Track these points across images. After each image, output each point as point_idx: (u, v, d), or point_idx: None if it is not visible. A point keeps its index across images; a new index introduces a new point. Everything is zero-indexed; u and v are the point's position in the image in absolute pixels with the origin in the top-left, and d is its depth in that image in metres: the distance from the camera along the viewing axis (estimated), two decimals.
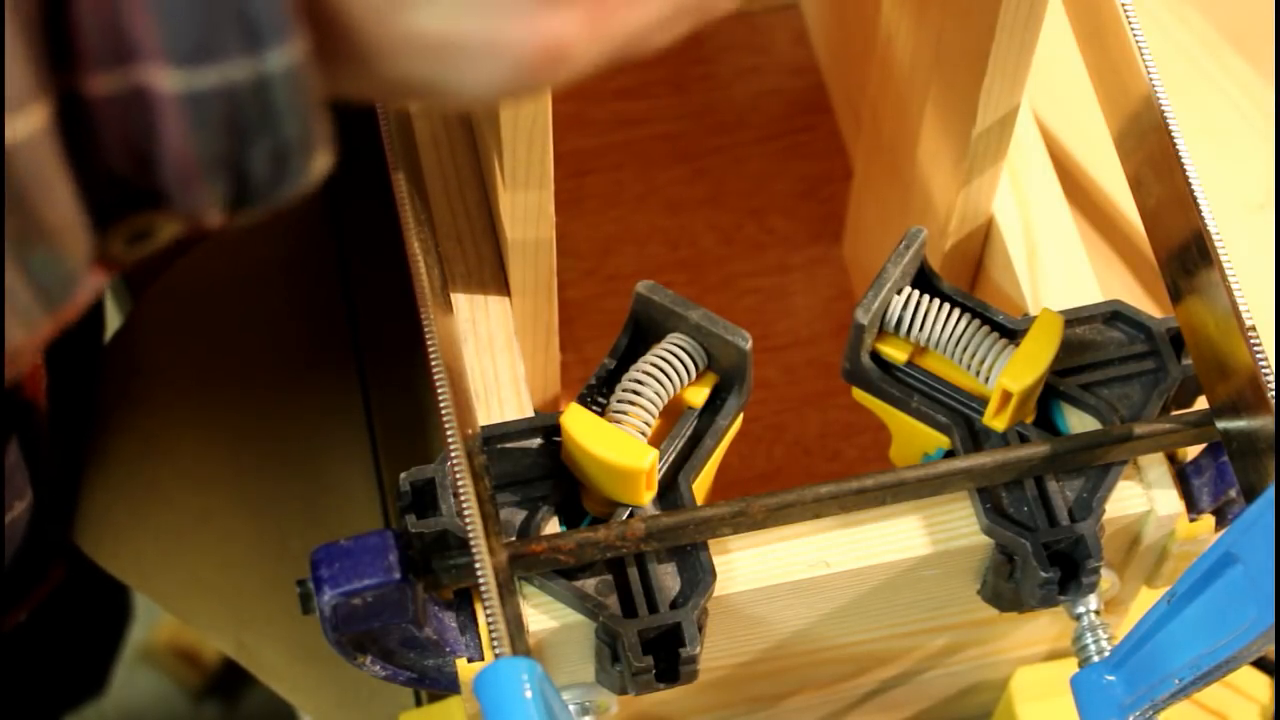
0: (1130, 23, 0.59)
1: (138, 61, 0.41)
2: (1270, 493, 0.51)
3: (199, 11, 0.40)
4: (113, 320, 1.00)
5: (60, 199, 0.42)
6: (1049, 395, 0.63)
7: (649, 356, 0.61)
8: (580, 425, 0.59)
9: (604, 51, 0.45)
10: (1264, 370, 0.56)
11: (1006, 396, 0.61)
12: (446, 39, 0.43)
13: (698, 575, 0.60)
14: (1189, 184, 0.57)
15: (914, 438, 0.65)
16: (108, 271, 0.45)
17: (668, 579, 0.60)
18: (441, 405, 0.57)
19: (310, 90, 0.42)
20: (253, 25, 0.41)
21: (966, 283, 0.76)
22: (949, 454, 0.63)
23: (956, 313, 0.63)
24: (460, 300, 0.67)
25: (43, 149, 0.41)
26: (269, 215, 0.45)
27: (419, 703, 0.80)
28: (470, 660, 0.60)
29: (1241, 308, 0.56)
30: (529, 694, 0.49)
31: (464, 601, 0.61)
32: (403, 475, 0.60)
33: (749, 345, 0.60)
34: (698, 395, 0.62)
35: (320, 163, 0.44)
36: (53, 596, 0.88)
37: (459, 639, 0.60)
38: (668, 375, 0.61)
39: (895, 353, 0.63)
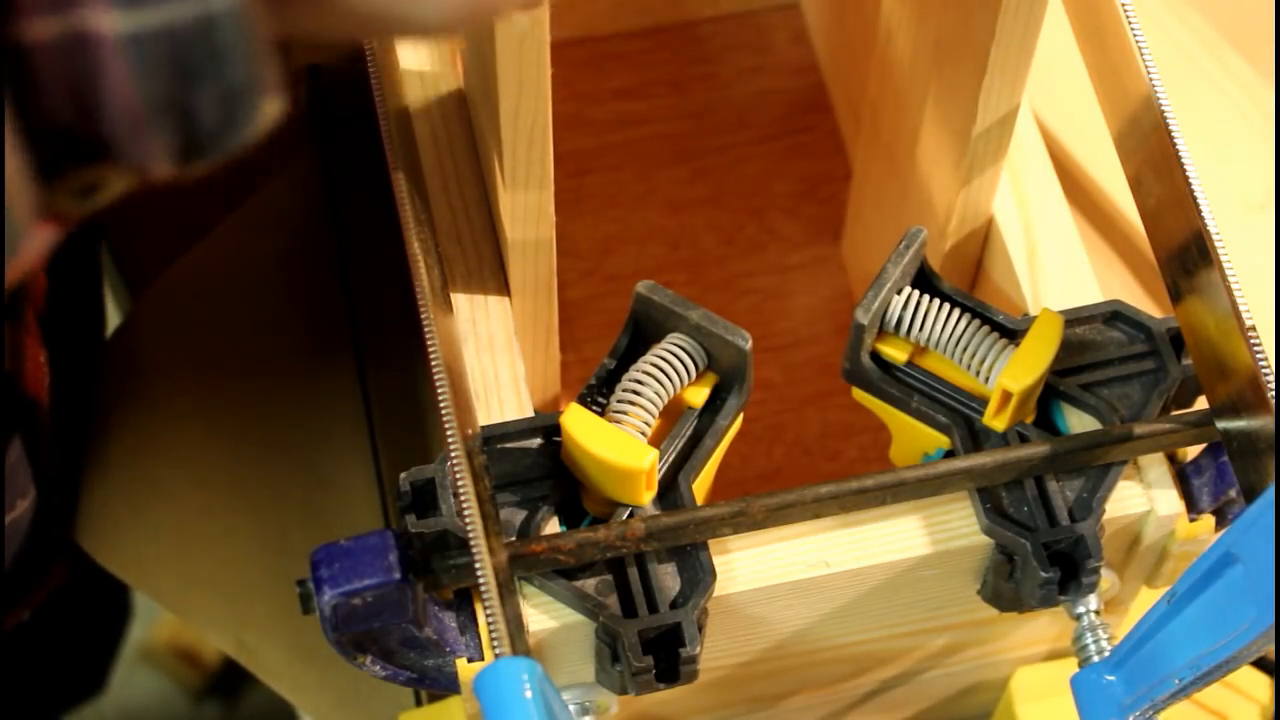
0: (1130, 23, 0.59)
1: (78, 4, 0.40)
2: (1270, 493, 0.51)
3: None
4: (113, 320, 1.00)
5: (2, 151, 0.41)
6: (1049, 395, 0.63)
7: (649, 356, 0.61)
8: (580, 425, 0.59)
9: None
10: (1264, 370, 0.56)
11: (1006, 396, 0.61)
12: None
13: (698, 575, 0.60)
14: (1189, 184, 0.57)
15: (914, 438, 0.65)
16: (57, 226, 0.44)
17: (668, 579, 0.60)
18: (441, 405, 0.57)
19: (258, 31, 0.41)
20: None
21: (966, 283, 0.76)
22: (949, 454, 0.63)
23: (956, 313, 0.63)
24: (460, 300, 0.67)
25: None
26: (218, 167, 0.44)
27: (419, 703, 0.80)
28: (470, 660, 0.60)
29: (1241, 308, 0.56)
30: (529, 694, 0.49)
31: (464, 601, 0.61)
32: (403, 475, 0.60)
33: (749, 345, 0.60)
34: (698, 395, 0.62)
35: (270, 108, 0.43)
36: (54, 595, 0.89)
37: (459, 639, 0.60)
38: (668, 375, 0.61)
39: (895, 353, 0.63)
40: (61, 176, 0.43)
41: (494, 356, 0.66)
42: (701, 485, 0.62)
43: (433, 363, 0.58)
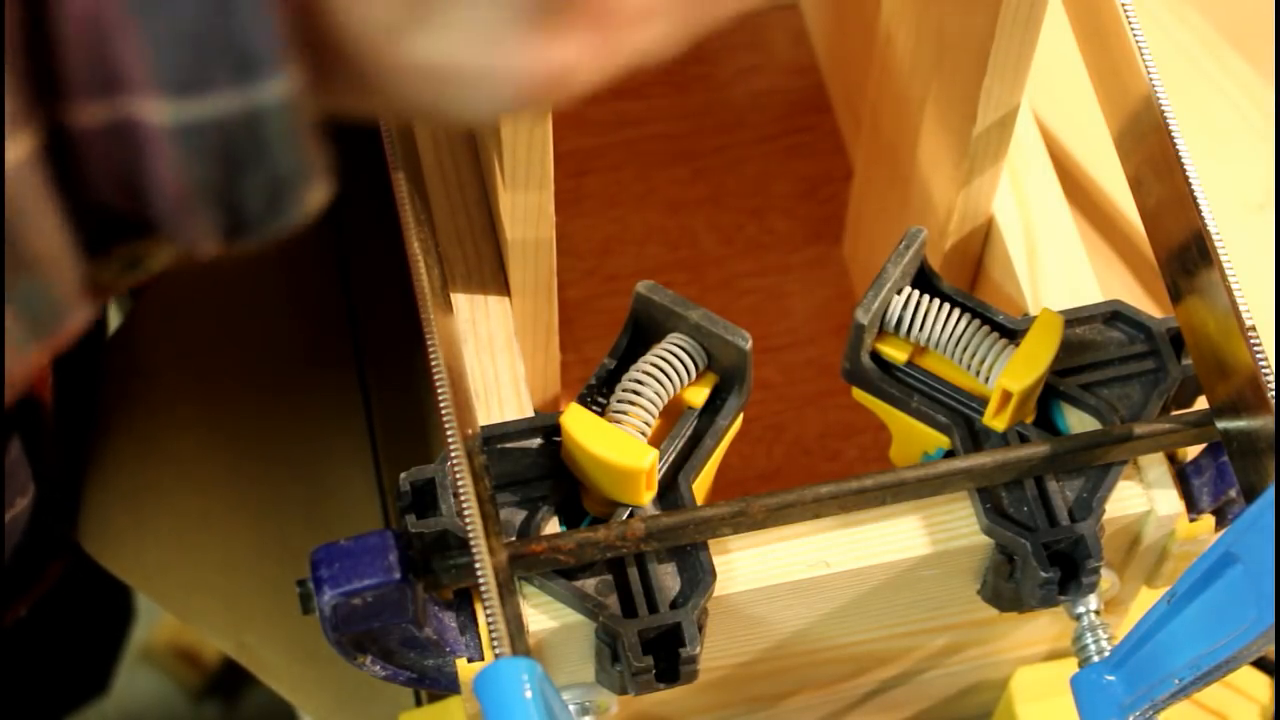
0: (1130, 23, 0.59)
1: (126, 92, 0.40)
2: (1270, 493, 0.51)
3: (189, 41, 0.39)
4: (113, 320, 1.00)
5: (47, 230, 0.41)
6: (1049, 395, 0.63)
7: (649, 356, 0.61)
8: (580, 425, 0.59)
9: (607, 72, 0.44)
10: (1264, 370, 0.56)
11: (1006, 396, 0.61)
12: (448, 68, 0.42)
13: (698, 575, 0.60)
14: (1189, 184, 0.57)
15: (914, 438, 0.64)
16: (101, 298, 0.44)
17: (668, 579, 0.60)
18: (441, 405, 0.57)
19: (305, 122, 0.41)
20: (244, 56, 0.40)
21: (966, 283, 0.76)
22: (949, 454, 0.63)
23: (956, 313, 0.63)
24: (460, 300, 0.67)
25: (28, 180, 0.40)
26: (267, 245, 0.44)
27: (419, 703, 0.80)
28: (470, 660, 0.60)
29: (1241, 308, 0.56)
30: (529, 694, 0.49)
31: (464, 601, 0.61)
32: (403, 475, 0.60)
33: (749, 345, 0.60)
34: (698, 395, 0.62)
35: (317, 194, 0.43)
36: (56, 596, 0.89)
37: (459, 639, 0.60)
38: (668, 375, 0.61)
39: (895, 353, 0.63)
40: (107, 252, 0.43)
41: (494, 356, 0.66)
42: (701, 485, 0.62)
43: (433, 363, 0.58)
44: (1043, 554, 0.60)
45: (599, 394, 0.61)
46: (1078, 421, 0.63)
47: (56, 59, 0.40)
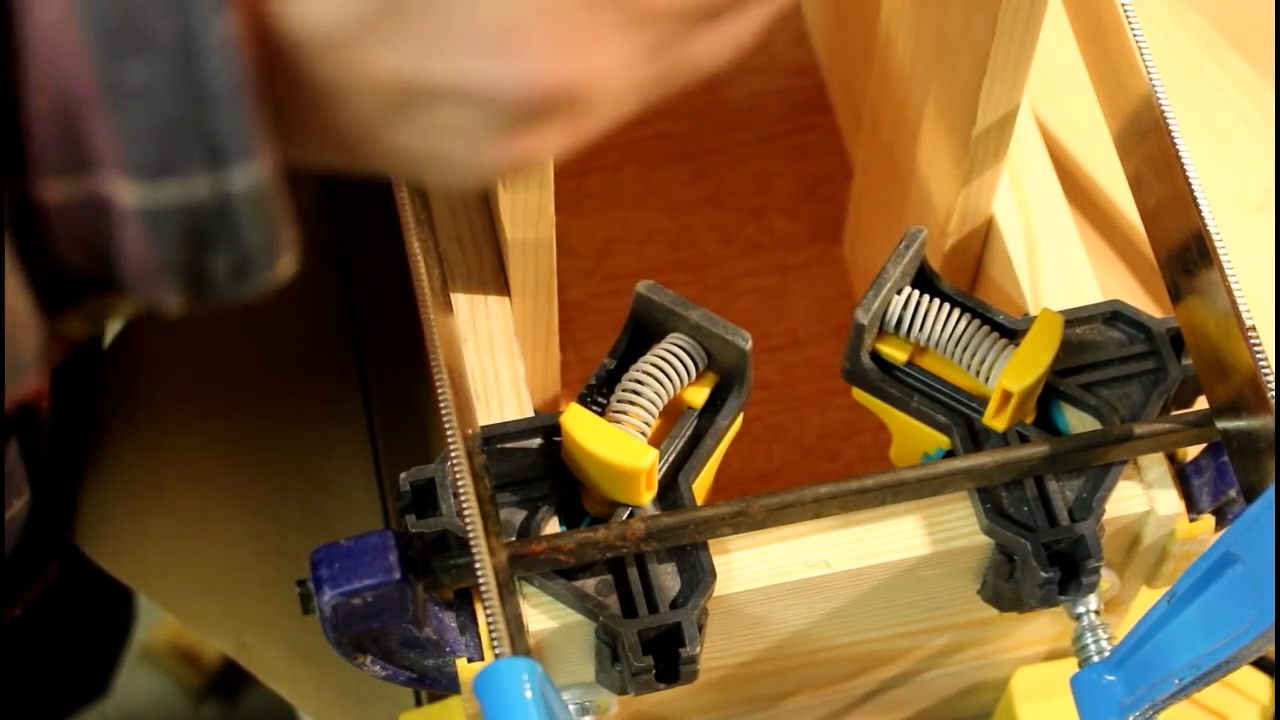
0: (1130, 23, 0.59)
1: (95, 172, 0.40)
2: (1270, 493, 0.51)
3: (160, 130, 0.40)
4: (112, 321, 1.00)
5: (11, 296, 0.41)
6: (1049, 395, 0.63)
7: (649, 356, 0.61)
8: (580, 425, 0.59)
9: (578, 144, 0.47)
10: (1264, 370, 0.56)
11: (1006, 396, 0.61)
12: (430, 155, 0.44)
13: (698, 575, 0.60)
14: (1189, 184, 0.57)
15: (914, 438, 0.65)
16: (65, 348, 0.44)
17: (668, 579, 0.60)
18: (441, 405, 0.57)
19: (276, 204, 0.42)
20: (216, 144, 0.40)
21: (966, 283, 0.76)
22: (949, 454, 0.63)
23: (956, 313, 0.63)
24: (460, 300, 0.67)
25: None
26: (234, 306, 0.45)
27: (419, 703, 0.80)
28: (470, 660, 0.60)
29: (1241, 308, 0.56)
30: (529, 694, 0.49)
31: (464, 601, 0.61)
32: (403, 475, 0.60)
33: (749, 345, 0.60)
34: (698, 395, 0.62)
35: (284, 267, 0.44)
36: (58, 598, 0.88)
37: (459, 639, 0.60)
38: (668, 375, 0.61)
39: (895, 353, 0.63)
40: (72, 308, 0.43)
41: (494, 356, 0.66)
42: (701, 485, 0.62)
43: (433, 363, 0.58)
44: (1043, 554, 0.60)
45: (599, 394, 0.61)
46: (1078, 421, 0.63)
47: (26, 135, 0.40)
